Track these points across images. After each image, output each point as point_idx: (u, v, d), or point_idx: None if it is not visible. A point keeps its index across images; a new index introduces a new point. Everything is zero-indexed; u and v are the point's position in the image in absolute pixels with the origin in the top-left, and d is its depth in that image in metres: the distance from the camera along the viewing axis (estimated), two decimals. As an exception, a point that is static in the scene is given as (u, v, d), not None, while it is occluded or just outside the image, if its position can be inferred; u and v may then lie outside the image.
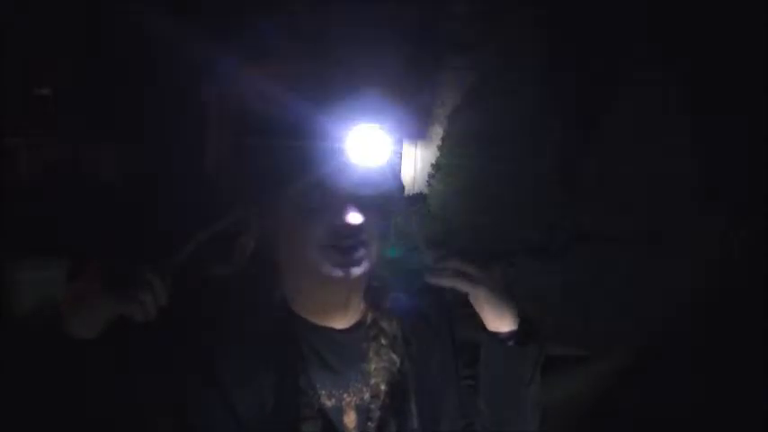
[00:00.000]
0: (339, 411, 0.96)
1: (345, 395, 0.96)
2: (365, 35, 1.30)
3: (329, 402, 0.95)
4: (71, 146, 1.36)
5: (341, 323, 1.00)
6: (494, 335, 1.03)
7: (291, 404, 0.91)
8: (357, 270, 0.94)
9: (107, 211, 1.30)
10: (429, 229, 1.20)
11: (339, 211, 0.91)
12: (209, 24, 1.23)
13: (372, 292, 1.05)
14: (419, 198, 1.29)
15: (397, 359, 1.01)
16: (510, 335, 1.03)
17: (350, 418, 0.96)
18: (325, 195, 0.91)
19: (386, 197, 1.01)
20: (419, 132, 1.29)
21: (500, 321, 1.03)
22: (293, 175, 0.91)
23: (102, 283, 0.80)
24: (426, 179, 1.39)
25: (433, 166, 1.36)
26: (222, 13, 1.26)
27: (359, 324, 1.02)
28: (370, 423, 0.96)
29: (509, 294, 1.04)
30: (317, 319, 0.98)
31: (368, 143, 0.97)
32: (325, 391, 0.95)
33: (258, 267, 0.98)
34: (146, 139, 1.34)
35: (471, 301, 1.03)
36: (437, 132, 1.39)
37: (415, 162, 1.59)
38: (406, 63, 1.38)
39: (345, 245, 0.91)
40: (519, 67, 1.59)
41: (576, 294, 1.66)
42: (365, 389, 0.97)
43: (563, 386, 1.56)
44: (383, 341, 1.00)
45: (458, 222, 1.47)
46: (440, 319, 1.09)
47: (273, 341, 0.94)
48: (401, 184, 1.04)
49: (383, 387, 0.98)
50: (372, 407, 0.98)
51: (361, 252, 0.92)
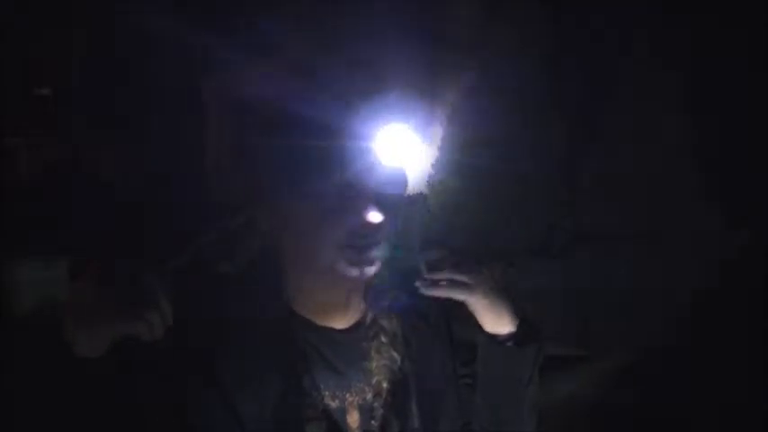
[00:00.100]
0: (342, 412, 0.96)
1: (348, 395, 0.96)
2: (390, 34, 1.30)
3: (333, 403, 0.95)
4: (71, 146, 1.36)
5: (342, 323, 1.00)
6: (492, 336, 1.03)
7: (295, 406, 0.91)
8: (371, 269, 0.94)
9: (107, 211, 1.29)
10: (429, 229, 1.19)
11: (360, 211, 0.90)
12: (229, 21, 1.23)
13: (372, 291, 1.05)
14: (419, 198, 1.28)
15: (397, 357, 1.01)
16: (508, 336, 1.03)
17: (353, 418, 0.96)
18: (347, 195, 0.91)
19: (403, 197, 1.01)
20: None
21: (498, 324, 1.03)
22: (315, 175, 0.90)
23: (106, 301, 0.79)
24: (426, 179, 1.39)
25: (432, 166, 1.35)
26: (244, 8, 1.26)
27: (359, 324, 1.02)
28: (373, 422, 0.96)
29: (507, 295, 1.03)
30: (318, 319, 0.98)
31: (393, 143, 0.96)
32: (328, 392, 0.95)
33: (260, 267, 0.98)
34: (147, 139, 1.34)
35: (468, 307, 1.03)
36: (437, 132, 1.39)
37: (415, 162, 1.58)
38: (428, 62, 1.38)
39: (363, 244, 0.91)
40: (519, 67, 1.59)
41: (576, 294, 1.66)
42: (367, 388, 0.97)
43: (563, 386, 1.56)
44: (383, 339, 1.00)
45: (458, 222, 1.47)
46: (439, 318, 1.09)
47: (276, 342, 0.94)
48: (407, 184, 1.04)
49: (385, 385, 0.98)
50: (375, 405, 0.98)
51: (375, 252, 0.92)
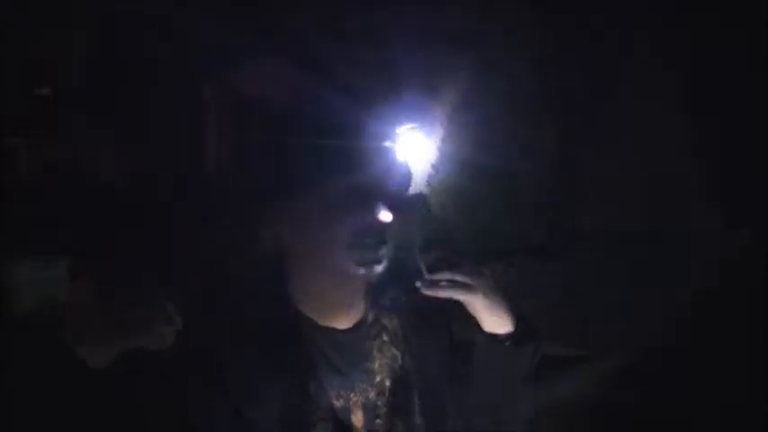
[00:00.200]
0: (347, 411, 0.96)
1: (352, 395, 0.96)
2: (401, 36, 1.30)
3: (337, 403, 0.95)
4: (71, 146, 1.36)
5: (344, 323, 1.00)
6: (491, 336, 1.04)
7: (302, 408, 0.91)
8: (379, 268, 0.94)
9: (107, 211, 1.29)
10: (429, 229, 1.20)
11: (370, 210, 0.90)
12: (243, 20, 1.22)
13: (373, 290, 1.05)
14: (419, 198, 1.28)
15: (398, 354, 1.01)
16: (506, 336, 1.03)
17: (357, 418, 0.96)
18: (359, 194, 0.91)
19: (409, 196, 1.01)
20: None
21: (497, 324, 1.03)
22: (326, 175, 0.90)
23: (109, 318, 0.78)
24: (426, 179, 1.39)
25: (432, 165, 1.35)
26: (260, 8, 1.26)
27: (360, 323, 1.02)
28: (378, 420, 0.96)
29: (505, 295, 1.04)
30: (322, 320, 0.98)
31: (403, 143, 0.96)
32: (333, 393, 0.95)
33: (265, 268, 0.98)
34: (148, 139, 1.34)
35: (467, 307, 1.03)
36: (438, 133, 1.39)
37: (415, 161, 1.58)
38: (431, 64, 1.38)
39: (371, 243, 0.91)
40: (519, 68, 1.59)
41: (576, 294, 1.66)
42: (370, 388, 0.98)
43: (563, 386, 1.56)
44: (385, 338, 1.01)
45: (458, 222, 1.47)
46: (438, 317, 1.09)
47: (282, 342, 0.94)
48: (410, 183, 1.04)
49: (388, 384, 0.98)
50: (379, 404, 0.98)
51: (383, 250, 0.92)
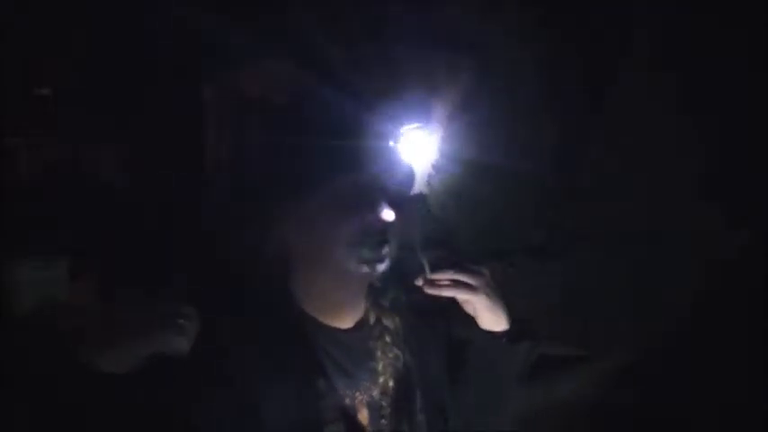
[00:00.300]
0: (354, 410, 0.96)
1: (357, 393, 0.97)
2: (404, 35, 1.30)
3: (345, 402, 0.96)
4: (71, 146, 1.36)
5: (347, 322, 1.01)
6: (489, 334, 1.05)
7: (314, 408, 0.91)
8: (381, 267, 0.94)
9: (107, 212, 1.30)
10: (429, 229, 1.20)
11: (373, 208, 0.91)
12: (245, 19, 1.22)
13: (374, 290, 1.05)
14: (419, 198, 1.28)
15: (400, 354, 1.02)
16: (503, 333, 1.05)
17: (363, 416, 0.96)
18: (362, 192, 0.91)
19: (412, 195, 1.02)
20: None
21: (495, 323, 1.05)
22: (331, 174, 0.90)
23: (113, 314, 0.80)
24: (426, 179, 1.39)
25: (433, 165, 1.35)
26: (262, 9, 1.25)
27: (362, 322, 1.03)
28: (383, 421, 0.97)
29: (501, 295, 1.05)
30: (326, 319, 0.99)
31: (406, 142, 0.97)
32: (341, 392, 0.96)
33: (269, 268, 0.98)
34: (148, 139, 1.34)
35: (466, 306, 1.04)
36: (438, 133, 1.39)
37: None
38: (434, 63, 1.38)
39: (375, 241, 0.92)
40: (519, 67, 1.59)
41: (576, 294, 1.66)
42: (373, 386, 0.98)
43: (563, 386, 1.56)
44: (387, 339, 1.01)
45: (458, 222, 1.47)
46: (437, 317, 1.10)
47: (288, 343, 0.94)
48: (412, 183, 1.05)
49: (391, 383, 0.99)
50: (383, 404, 0.98)
51: (386, 249, 0.93)
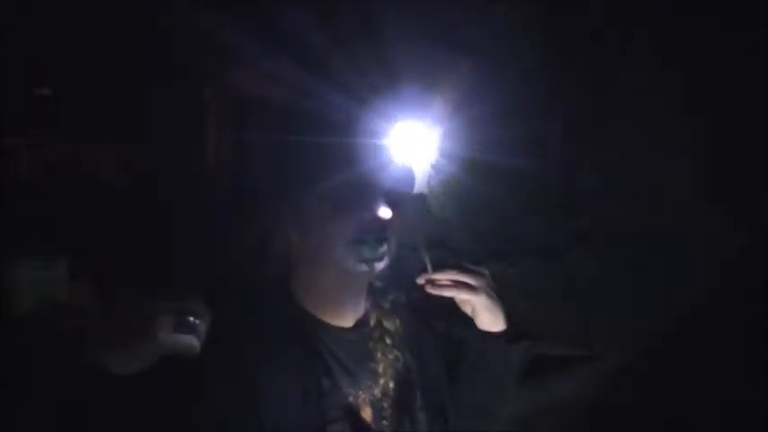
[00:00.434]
0: (357, 409, 0.96)
1: (360, 392, 0.97)
2: (400, 33, 1.29)
3: (348, 400, 0.96)
4: (71, 146, 1.36)
5: (347, 321, 1.01)
6: (487, 334, 1.05)
7: (318, 406, 0.91)
8: (380, 265, 0.95)
9: (107, 212, 1.30)
10: (429, 229, 1.20)
11: (370, 206, 0.91)
12: (237, 17, 1.22)
13: (374, 291, 1.06)
14: (419, 198, 1.28)
15: (400, 355, 1.02)
16: (501, 333, 1.06)
17: (366, 414, 0.97)
18: (358, 190, 0.92)
19: (412, 194, 1.02)
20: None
21: (492, 322, 1.05)
22: (326, 172, 0.91)
23: (113, 315, 0.80)
24: (426, 179, 1.39)
25: (433, 166, 1.35)
26: (258, 6, 1.25)
27: (362, 322, 1.03)
28: (384, 422, 0.97)
29: (498, 296, 1.06)
30: (327, 318, 0.99)
31: (403, 140, 0.96)
32: (344, 390, 0.96)
33: (271, 267, 0.98)
34: (149, 139, 1.34)
35: (464, 306, 1.04)
36: (438, 132, 1.39)
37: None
38: (432, 61, 1.38)
39: (372, 240, 0.92)
40: (519, 67, 1.59)
41: (576, 294, 1.66)
42: (374, 385, 0.98)
43: (563, 386, 1.56)
44: (388, 340, 1.02)
45: (458, 222, 1.47)
46: (437, 317, 1.10)
47: (292, 341, 0.94)
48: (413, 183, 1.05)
49: (391, 384, 0.99)
50: (385, 405, 0.99)
51: (384, 248, 0.93)
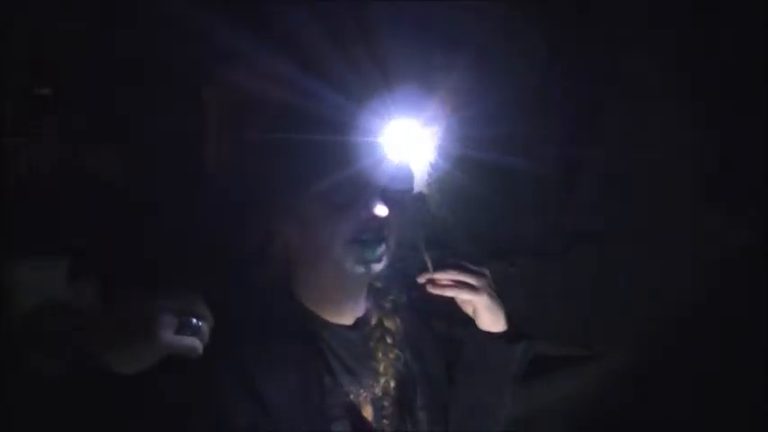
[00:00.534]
0: (359, 407, 0.97)
1: (361, 391, 0.97)
2: (395, 32, 1.29)
3: (349, 399, 0.96)
4: (71, 146, 1.36)
5: (348, 319, 1.01)
6: (488, 334, 1.06)
7: (320, 405, 0.91)
8: (378, 267, 0.95)
9: (107, 212, 1.29)
10: (429, 229, 1.20)
11: (367, 204, 0.91)
12: (234, 16, 1.22)
13: (375, 291, 1.06)
14: (419, 198, 1.29)
15: (401, 355, 1.02)
16: (502, 334, 1.06)
17: (367, 413, 0.97)
18: (355, 189, 0.92)
19: (409, 193, 1.02)
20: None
21: (493, 323, 1.05)
22: (328, 171, 0.91)
23: (113, 315, 0.80)
24: (427, 179, 1.39)
25: (432, 165, 1.36)
26: (254, 5, 1.25)
27: (363, 321, 1.03)
28: (385, 421, 0.97)
29: (499, 296, 1.06)
30: (327, 316, 0.99)
31: (402, 138, 0.97)
32: (345, 388, 0.96)
33: (271, 267, 0.98)
34: (149, 139, 1.34)
35: (465, 306, 1.05)
36: (438, 132, 1.39)
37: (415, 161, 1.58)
38: (430, 61, 1.38)
39: (369, 239, 0.92)
40: (518, 66, 1.59)
41: (576, 294, 1.66)
42: (375, 384, 0.98)
43: (563, 386, 1.56)
44: (389, 340, 1.02)
45: (457, 222, 1.47)
46: (437, 317, 1.10)
47: (293, 340, 0.94)
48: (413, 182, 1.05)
49: (392, 384, 0.99)
50: (386, 404, 0.99)
51: (382, 248, 0.93)
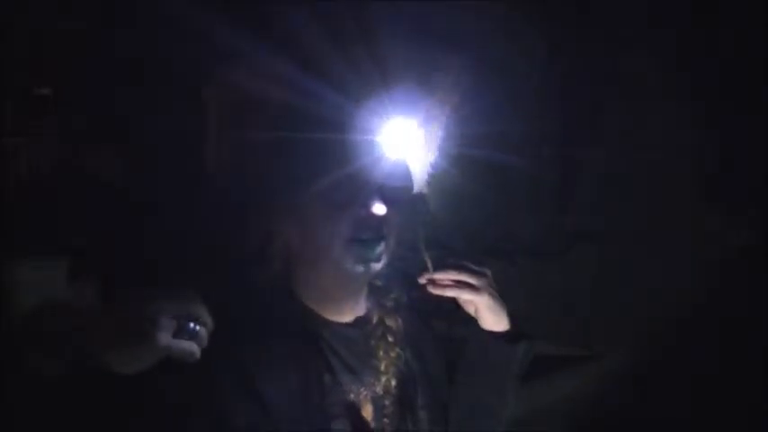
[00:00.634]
0: (359, 406, 0.97)
1: (362, 389, 0.98)
2: (393, 31, 1.29)
3: (350, 397, 0.96)
4: (71, 146, 1.36)
5: (349, 317, 1.02)
6: (490, 334, 1.06)
7: (320, 403, 0.91)
8: (377, 266, 0.95)
9: (107, 212, 1.30)
10: (429, 229, 1.20)
11: (365, 203, 0.91)
12: (234, 16, 1.22)
13: (376, 290, 1.06)
14: (419, 198, 1.29)
15: (402, 353, 1.02)
16: (503, 333, 1.06)
17: (367, 411, 0.97)
18: (354, 188, 0.92)
19: (408, 192, 1.02)
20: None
21: (495, 322, 1.05)
22: (326, 170, 0.91)
23: (113, 315, 0.80)
24: (426, 179, 1.39)
25: (432, 165, 1.36)
26: (252, 5, 1.25)
27: (364, 319, 1.03)
28: (385, 420, 0.98)
29: (501, 295, 1.06)
30: (328, 314, 1.00)
31: (396, 137, 0.97)
32: (345, 387, 0.96)
33: (272, 266, 0.98)
34: (149, 139, 1.34)
35: (467, 306, 1.05)
36: (437, 132, 1.39)
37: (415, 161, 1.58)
38: (429, 60, 1.38)
39: (367, 237, 0.92)
40: (518, 66, 1.59)
41: (576, 294, 1.66)
42: (376, 382, 0.99)
43: (563, 386, 1.56)
44: (390, 338, 1.02)
45: (458, 222, 1.47)
46: (438, 316, 1.10)
47: (293, 339, 0.95)
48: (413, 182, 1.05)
49: (393, 382, 0.99)
50: (386, 403, 0.99)
51: (381, 247, 0.94)
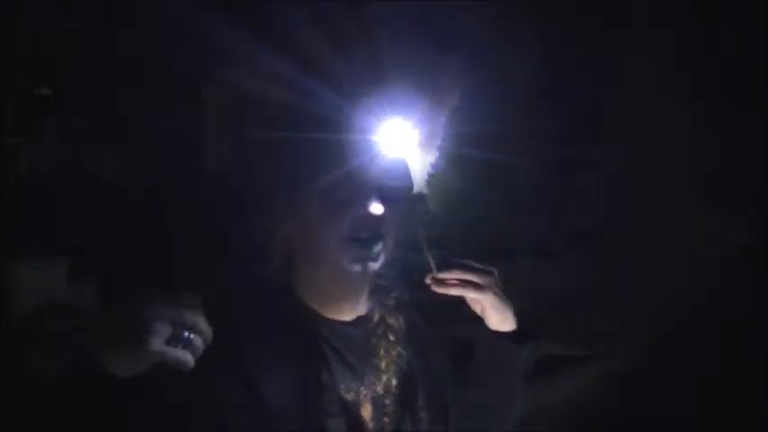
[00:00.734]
0: (357, 404, 0.97)
1: (362, 388, 0.97)
2: (391, 30, 1.29)
3: (348, 396, 0.96)
4: (71, 146, 1.36)
5: (349, 316, 1.01)
6: (497, 334, 1.06)
7: (317, 401, 0.91)
8: (374, 265, 0.95)
9: (107, 212, 1.29)
10: (429, 229, 1.20)
11: (363, 202, 0.92)
12: (234, 16, 1.22)
13: (377, 289, 1.06)
14: (419, 198, 1.29)
15: (404, 353, 1.02)
16: (510, 333, 1.06)
17: (366, 411, 0.97)
18: (352, 187, 0.92)
19: (406, 191, 1.03)
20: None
21: (501, 322, 1.05)
22: (324, 169, 0.91)
23: (113, 315, 0.80)
24: (426, 179, 1.39)
25: (432, 165, 1.36)
26: (250, 6, 1.25)
27: (365, 318, 1.03)
28: (386, 419, 0.97)
29: (506, 295, 1.06)
30: (327, 312, 0.99)
31: (396, 136, 0.97)
32: (344, 386, 0.96)
33: (272, 265, 0.98)
34: (149, 139, 1.34)
35: (474, 305, 1.05)
36: (437, 132, 1.39)
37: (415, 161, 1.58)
38: (428, 59, 1.38)
39: (365, 236, 0.92)
40: (518, 66, 1.59)
41: (576, 294, 1.66)
42: (377, 381, 0.98)
43: (564, 386, 1.56)
44: (391, 337, 1.02)
45: (458, 222, 1.47)
46: (440, 316, 1.10)
47: (292, 337, 0.94)
48: (412, 182, 1.05)
49: (394, 382, 0.99)
50: (387, 402, 0.99)
51: (379, 246, 0.94)
